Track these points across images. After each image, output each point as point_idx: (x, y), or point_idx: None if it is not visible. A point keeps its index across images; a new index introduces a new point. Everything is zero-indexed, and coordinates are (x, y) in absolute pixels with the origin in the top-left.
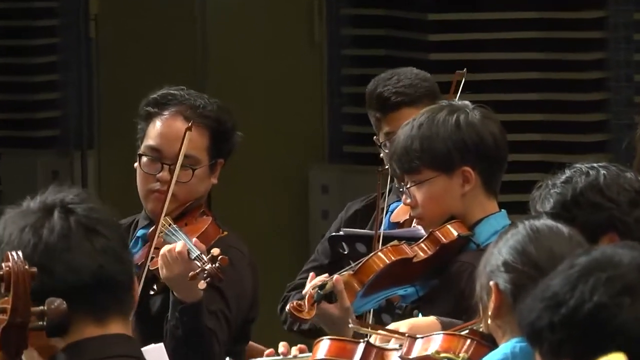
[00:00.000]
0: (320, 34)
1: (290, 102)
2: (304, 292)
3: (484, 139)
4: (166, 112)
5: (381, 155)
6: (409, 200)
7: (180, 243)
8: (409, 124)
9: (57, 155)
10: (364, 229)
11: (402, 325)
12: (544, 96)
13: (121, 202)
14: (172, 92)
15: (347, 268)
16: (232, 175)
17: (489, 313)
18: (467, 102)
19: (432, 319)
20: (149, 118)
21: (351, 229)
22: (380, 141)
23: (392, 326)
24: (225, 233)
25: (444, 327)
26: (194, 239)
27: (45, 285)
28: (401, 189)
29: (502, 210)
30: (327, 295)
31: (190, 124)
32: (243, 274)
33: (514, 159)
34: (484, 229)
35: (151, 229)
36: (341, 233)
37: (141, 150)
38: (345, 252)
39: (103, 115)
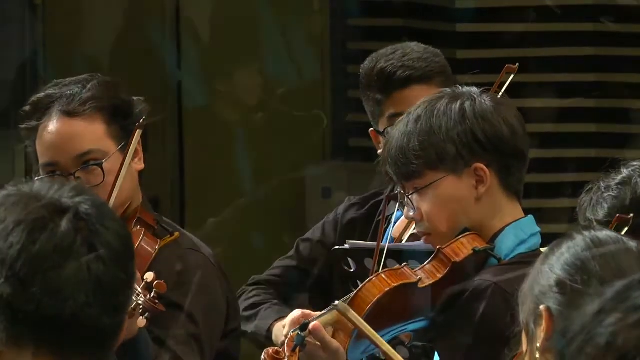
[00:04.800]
0: None
1: (282, 83)
2: (283, 331)
3: (498, 129)
4: (45, 119)
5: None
6: (412, 213)
7: None
8: (403, 119)
9: None
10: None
11: None
12: (600, 77)
13: None
14: (41, 95)
15: (333, 305)
16: (204, 179)
17: (537, 345)
18: (473, 87)
19: None
20: (32, 134)
21: (357, 242)
22: (381, 129)
23: None
24: (176, 235)
25: None
26: None
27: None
28: (401, 201)
29: (529, 215)
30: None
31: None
32: (209, 280)
33: (562, 155)
34: (505, 240)
35: None
36: (346, 246)
37: (40, 172)
38: (352, 270)
39: None
